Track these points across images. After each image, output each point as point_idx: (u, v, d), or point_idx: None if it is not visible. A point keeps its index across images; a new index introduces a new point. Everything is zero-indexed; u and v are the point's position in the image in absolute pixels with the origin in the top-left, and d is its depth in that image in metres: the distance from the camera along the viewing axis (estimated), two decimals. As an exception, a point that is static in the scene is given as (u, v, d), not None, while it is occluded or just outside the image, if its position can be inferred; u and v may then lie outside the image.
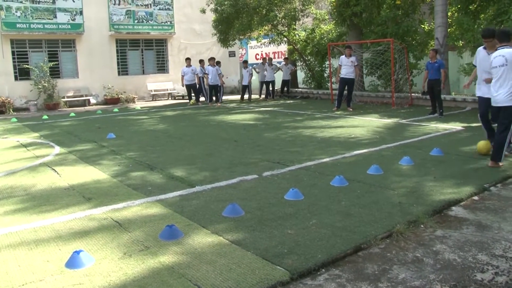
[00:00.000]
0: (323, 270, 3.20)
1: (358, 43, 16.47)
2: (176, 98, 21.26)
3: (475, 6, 13.89)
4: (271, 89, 19.18)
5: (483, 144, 6.73)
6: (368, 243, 3.59)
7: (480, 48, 6.76)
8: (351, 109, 13.28)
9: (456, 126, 9.67)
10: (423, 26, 16.44)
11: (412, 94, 14.79)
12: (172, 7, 21.34)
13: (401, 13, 15.91)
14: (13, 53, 17.99)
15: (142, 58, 21.26)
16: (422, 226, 3.98)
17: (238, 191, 5.17)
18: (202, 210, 4.49)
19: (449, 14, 14.74)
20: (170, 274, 3.13)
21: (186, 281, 3.02)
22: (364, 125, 10.23)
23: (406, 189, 5.03)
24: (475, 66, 7.03)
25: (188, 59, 17.97)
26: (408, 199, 4.66)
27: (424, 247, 3.53)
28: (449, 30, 14.48)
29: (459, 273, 3.08)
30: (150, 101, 20.65)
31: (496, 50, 6.02)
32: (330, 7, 18.75)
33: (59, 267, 3.31)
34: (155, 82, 21.28)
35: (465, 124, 9.82)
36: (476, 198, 4.76)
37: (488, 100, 6.36)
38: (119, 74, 20.49)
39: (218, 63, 17.76)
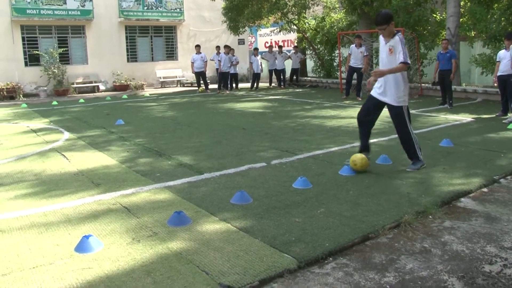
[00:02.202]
0: (330, 258, 3.20)
1: (369, 32, 16.31)
2: (185, 85, 21.25)
3: (488, -5, 13.68)
4: (282, 77, 19.12)
5: (359, 160, 5.32)
6: (376, 232, 3.59)
7: None
8: (360, 99, 13.21)
9: (466, 117, 9.58)
10: (434, 15, 16.22)
11: (422, 84, 14.66)
12: (181, -6, 21.25)
13: (413, 2, 15.69)
14: (23, 39, 18.03)
15: (151, 45, 21.23)
16: (430, 217, 3.97)
17: (246, 178, 5.17)
18: (210, 197, 4.51)
19: (461, 4, 14.54)
20: (178, 260, 3.15)
21: (194, 267, 3.04)
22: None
23: (414, 179, 5.01)
24: None
25: (197, 46, 17.92)
26: (417, 189, 4.64)
27: (432, 238, 3.52)
28: (461, 20, 14.29)
29: (467, 265, 3.07)
30: (159, 88, 20.66)
31: None
32: (340, -5, 18.57)
33: (69, 251, 3.34)
34: (164, 69, 21.26)
35: (475, 116, 9.74)
36: (485, 190, 4.72)
37: None
38: (128, 60, 20.48)
39: (230, 49, 17.81)
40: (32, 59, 18.29)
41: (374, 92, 5.45)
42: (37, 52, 18.08)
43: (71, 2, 18.54)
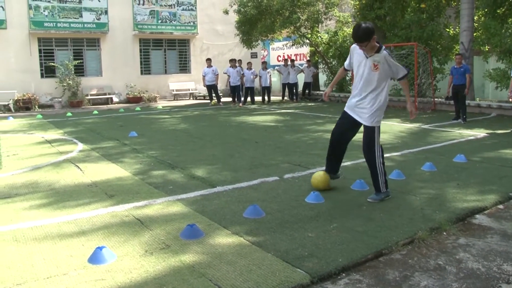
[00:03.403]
0: (343, 274, 3.18)
1: (381, 46, 16.33)
2: (198, 98, 21.39)
3: (503, 9, 13.65)
4: (294, 91, 19.18)
5: (320, 179, 5.18)
6: (389, 248, 3.56)
7: None
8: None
9: (480, 132, 9.50)
10: (448, 30, 16.22)
11: (435, 99, 14.59)
12: (195, 8, 21.51)
13: (426, 16, 15.73)
14: (40, 51, 18.36)
15: (165, 57, 21.46)
16: (444, 233, 3.92)
17: (259, 192, 5.17)
18: (223, 211, 4.51)
19: (475, 18, 14.50)
20: (191, 273, 3.15)
21: (207, 280, 3.04)
22: (385, 129, 10.13)
23: (428, 195, 4.97)
24: None
25: (208, 60, 18.08)
26: (431, 205, 4.60)
27: (447, 255, 3.48)
28: (475, 34, 14.24)
29: (483, 283, 3.03)
30: (171, 100, 20.83)
31: None
32: (353, 10, 18.66)
33: (82, 262, 3.36)
34: (177, 82, 21.45)
35: (490, 131, 9.65)
36: (501, 206, 4.66)
37: None
38: (141, 73, 20.72)
39: (239, 62, 17.97)
40: (48, 71, 18.60)
41: (349, 109, 4.95)
42: (53, 64, 18.38)
43: (87, 15, 18.87)
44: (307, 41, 19.86)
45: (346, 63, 5.10)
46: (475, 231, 3.98)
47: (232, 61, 17.72)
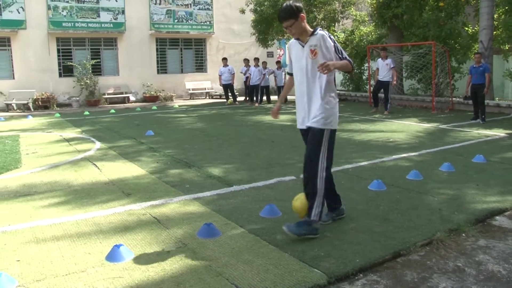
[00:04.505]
0: (360, 275, 3.15)
1: (399, 45, 16.18)
2: (214, 97, 21.45)
3: (524, 8, 13.39)
4: None
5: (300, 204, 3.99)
6: (408, 249, 3.52)
7: None
8: (387, 112, 13.06)
9: (499, 132, 9.35)
10: (466, 29, 15.98)
11: (453, 98, 14.41)
12: (211, 7, 21.56)
13: (444, 15, 15.51)
14: (58, 50, 18.60)
15: (181, 57, 21.56)
16: (463, 235, 3.87)
17: (275, 191, 5.17)
18: (240, 210, 4.52)
19: (495, 16, 14.26)
20: (208, 272, 3.16)
21: (223, 279, 3.04)
22: (403, 129, 10.04)
23: (446, 196, 4.90)
24: None
25: (224, 59, 18.11)
26: (449, 206, 4.54)
27: (466, 257, 3.43)
28: (494, 32, 14.01)
29: (504, 286, 2.97)
30: (188, 99, 20.92)
31: None
32: (370, 9, 18.51)
33: (100, 260, 3.39)
34: (193, 81, 21.53)
35: (509, 131, 9.49)
36: (521, 208, 4.58)
37: None
38: (158, 72, 20.85)
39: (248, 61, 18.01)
40: (65, 70, 18.83)
41: (300, 124, 4.12)
42: (71, 63, 18.60)
43: (104, 15, 19.06)
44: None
45: (288, 66, 4.26)
46: (495, 233, 3.92)
47: (256, 60, 17.68)
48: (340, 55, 3.88)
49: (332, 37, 3.93)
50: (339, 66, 3.84)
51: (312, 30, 3.97)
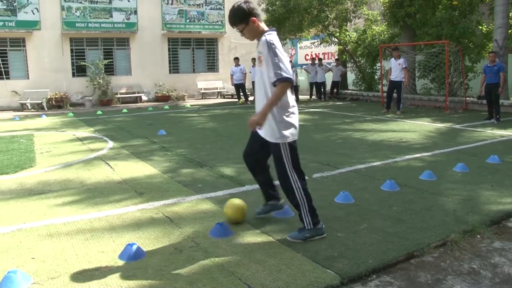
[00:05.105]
0: (374, 276, 3.13)
1: (411, 45, 16.06)
2: (226, 97, 21.49)
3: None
4: (322, 90, 19.07)
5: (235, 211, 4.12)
6: (421, 251, 3.49)
7: None
8: (399, 112, 12.96)
9: (514, 133, 9.24)
10: (480, 27, 15.80)
11: (467, 98, 14.26)
12: (223, 7, 21.60)
13: (458, 14, 15.36)
14: (71, 50, 18.79)
15: (193, 56, 21.64)
16: (478, 236, 3.82)
17: (287, 191, 5.15)
18: (252, 209, 4.51)
19: (510, 15, 14.08)
20: (220, 272, 3.16)
21: (236, 279, 3.04)
22: (415, 129, 9.96)
23: (461, 196, 4.85)
24: None
25: (236, 59, 18.14)
26: (463, 207, 4.49)
27: (481, 259, 3.39)
28: (510, 31, 13.83)
29: (519, 288, 2.94)
30: (199, 99, 20.98)
31: None
32: (382, 8, 18.39)
33: (113, 258, 3.41)
34: (205, 81, 21.60)
35: (525, 131, 9.37)
36: (537, 209, 4.52)
37: None
38: (170, 72, 20.95)
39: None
40: (79, 70, 19.02)
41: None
42: (84, 63, 18.77)
43: (117, 15, 19.20)
44: (335, 39, 19.69)
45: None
46: (511, 235, 3.87)
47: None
48: (274, 71, 3.38)
49: (274, 44, 3.41)
50: (270, 106, 3.47)
51: (262, 32, 3.56)
